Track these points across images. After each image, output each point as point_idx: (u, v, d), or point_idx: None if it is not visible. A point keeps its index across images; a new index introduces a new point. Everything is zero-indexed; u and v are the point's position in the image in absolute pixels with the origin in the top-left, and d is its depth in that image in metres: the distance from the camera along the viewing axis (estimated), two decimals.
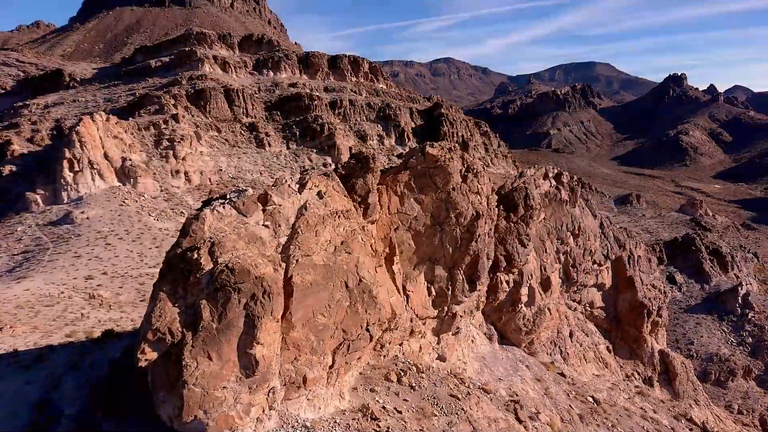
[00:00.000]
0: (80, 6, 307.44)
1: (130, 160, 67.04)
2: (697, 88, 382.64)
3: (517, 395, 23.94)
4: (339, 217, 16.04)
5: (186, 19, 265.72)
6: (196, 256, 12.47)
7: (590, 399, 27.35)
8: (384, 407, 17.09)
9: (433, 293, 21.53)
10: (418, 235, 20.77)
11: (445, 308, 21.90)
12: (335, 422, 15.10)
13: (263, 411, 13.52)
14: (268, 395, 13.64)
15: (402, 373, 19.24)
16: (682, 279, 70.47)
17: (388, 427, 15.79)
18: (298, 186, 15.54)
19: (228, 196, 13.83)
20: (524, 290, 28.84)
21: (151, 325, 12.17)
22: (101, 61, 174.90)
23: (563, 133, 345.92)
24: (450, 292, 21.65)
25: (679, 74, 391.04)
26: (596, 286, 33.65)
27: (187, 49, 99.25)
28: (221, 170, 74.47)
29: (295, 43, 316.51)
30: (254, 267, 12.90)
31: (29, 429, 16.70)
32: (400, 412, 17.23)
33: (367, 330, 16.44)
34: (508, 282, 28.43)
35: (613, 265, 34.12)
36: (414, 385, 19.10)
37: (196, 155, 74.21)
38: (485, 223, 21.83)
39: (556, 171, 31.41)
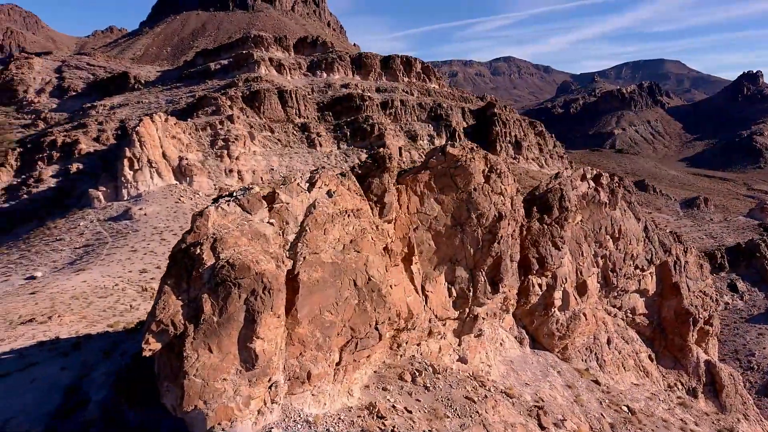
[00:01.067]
0: (150, 11, 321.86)
1: (187, 159, 69.71)
2: None
3: (542, 401, 23.40)
4: (348, 215, 16.20)
5: (249, 23, 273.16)
6: (198, 251, 12.93)
7: (625, 408, 26.36)
8: (394, 406, 17.11)
9: (454, 294, 21.37)
10: (439, 236, 20.67)
11: (466, 310, 21.68)
12: (339, 418, 15.26)
13: (265, 404, 13.83)
14: (270, 389, 13.94)
15: (417, 373, 19.19)
16: (744, 287, 66.63)
17: (394, 426, 15.79)
18: (307, 185, 15.79)
19: (234, 194, 14.24)
20: (558, 294, 28.15)
21: (155, 316, 12.70)
22: (168, 64, 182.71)
23: (628, 133, 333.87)
24: (471, 294, 21.43)
25: (754, 72, 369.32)
26: (639, 292, 32.37)
27: (244, 51, 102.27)
28: (273, 169, 76.33)
29: (354, 44, 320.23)
30: (255, 263, 13.22)
31: (59, 412, 17.75)
32: (410, 412, 17.20)
33: (376, 329, 16.52)
34: (540, 285, 27.83)
35: (658, 271, 32.72)
36: (429, 385, 19.01)
37: (250, 155, 76.33)
38: (508, 224, 21.46)
39: (594, 172, 30.47)
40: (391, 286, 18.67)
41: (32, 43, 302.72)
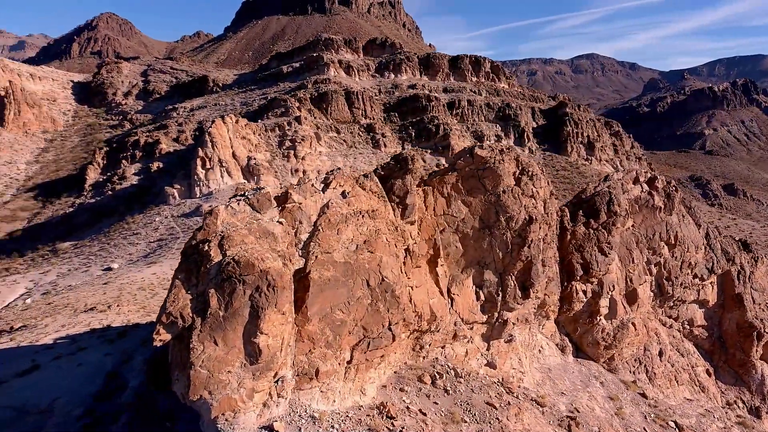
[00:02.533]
0: (234, 17, 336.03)
1: (255, 159, 72.32)
2: None
3: (577, 411, 22.59)
4: (363, 216, 16.38)
5: (326, 26, 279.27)
6: (206, 248, 13.53)
7: (672, 424, 24.95)
8: (408, 407, 17.12)
9: (482, 298, 21.04)
10: (466, 238, 20.44)
11: (495, 314, 21.28)
12: (347, 416, 15.46)
13: (270, 397, 14.26)
14: (277, 383, 14.36)
15: (438, 376, 19.08)
16: None
17: (403, 428, 15.80)
18: (322, 185, 16.11)
19: (245, 194, 14.76)
20: (604, 302, 27.03)
21: (166, 309, 13.41)
22: (249, 68, 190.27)
23: (720, 133, 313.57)
24: (500, 298, 21.02)
25: None
26: (697, 303, 30.46)
27: (315, 54, 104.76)
28: (337, 169, 77.54)
29: (429, 45, 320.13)
30: (260, 261, 13.66)
31: (99, 395, 19.06)
32: (425, 414, 17.15)
33: (389, 329, 16.60)
34: (584, 292, 26.83)
35: (720, 281, 30.64)
36: (449, 388, 18.85)
37: (315, 155, 78.15)
38: (539, 228, 20.88)
39: (649, 175, 28.99)
40: (411, 288, 18.70)
41: (127, 48, 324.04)
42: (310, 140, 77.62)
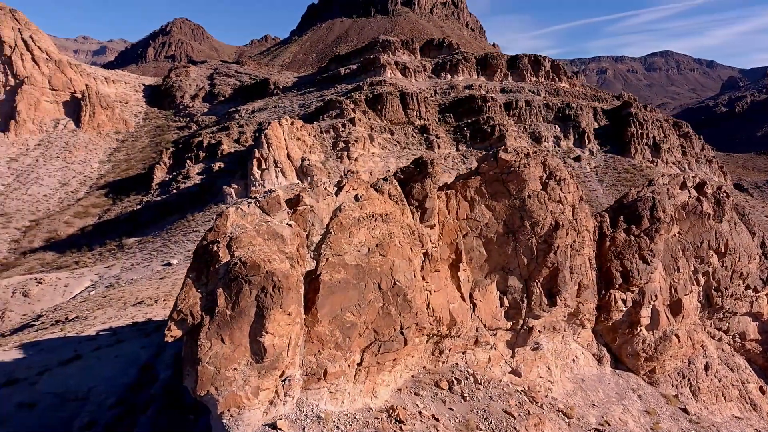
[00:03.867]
0: (299, 20, 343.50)
1: (308, 159, 73.75)
2: None
3: (608, 425, 21.81)
4: (376, 220, 16.46)
5: (388, 27, 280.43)
6: (215, 248, 14.00)
7: None
8: (420, 412, 17.07)
9: (506, 304, 20.67)
10: (490, 243, 20.14)
11: (520, 321, 20.86)
12: (354, 418, 15.58)
13: (277, 396, 14.58)
14: (284, 382, 14.67)
15: (455, 382, 18.90)
16: None
17: None
18: (335, 189, 16.32)
19: (256, 196, 15.16)
20: (645, 312, 25.98)
21: (177, 306, 13.97)
22: (312, 70, 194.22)
23: None
24: (525, 305, 20.60)
25: None
26: (750, 315, 28.71)
27: (372, 56, 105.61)
28: (389, 171, 78.09)
29: (493, 44, 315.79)
30: (267, 262, 14.00)
31: (132, 386, 20.06)
32: (438, 420, 17.05)
33: (401, 333, 16.61)
34: (624, 301, 25.89)
35: None
36: (466, 395, 18.64)
37: (368, 156, 78.81)
38: (566, 234, 20.27)
39: (697, 180, 27.57)
40: (430, 292, 18.63)
41: (198, 52, 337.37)
42: (363, 141, 78.40)
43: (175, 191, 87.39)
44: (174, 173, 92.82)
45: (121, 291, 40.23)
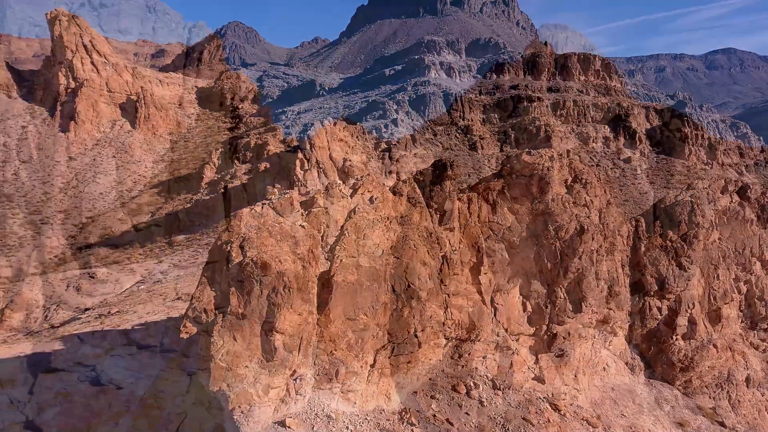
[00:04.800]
0: (349, 22, 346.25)
1: (350, 160, 74.29)
2: None
3: None
4: (391, 222, 16.51)
5: (437, 27, 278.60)
6: (228, 249, 14.38)
7: None
8: (434, 415, 17.00)
9: (529, 309, 20.34)
10: (512, 247, 19.87)
11: (543, 327, 20.46)
12: (365, 418, 15.68)
13: (288, 394, 14.84)
14: (295, 381, 14.91)
15: (473, 386, 18.70)
16: None
17: None
18: (350, 191, 16.45)
19: (269, 198, 15.46)
20: (682, 320, 25.08)
21: (192, 304, 14.44)
22: (361, 71, 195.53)
23: None
24: (548, 311, 20.21)
25: None
26: None
27: (416, 57, 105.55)
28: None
29: (545, 43, 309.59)
30: (278, 263, 14.27)
31: (158, 378, 20.74)
32: (451, 424, 16.94)
33: (416, 336, 16.61)
34: (659, 308, 25.10)
35: None
36: (484, 400, 18.44)
37: (410, 157, 78.76)
38: (592, 239, 19.76)
39: (740, 184, 26.35)
40: (448, 295, 18.54)
41: (251, 55, 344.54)
42: (405, 142, 78.49)
43: (222, 190, 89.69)
44: (222, 173, 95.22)
45: (165, 287, 41.57)
